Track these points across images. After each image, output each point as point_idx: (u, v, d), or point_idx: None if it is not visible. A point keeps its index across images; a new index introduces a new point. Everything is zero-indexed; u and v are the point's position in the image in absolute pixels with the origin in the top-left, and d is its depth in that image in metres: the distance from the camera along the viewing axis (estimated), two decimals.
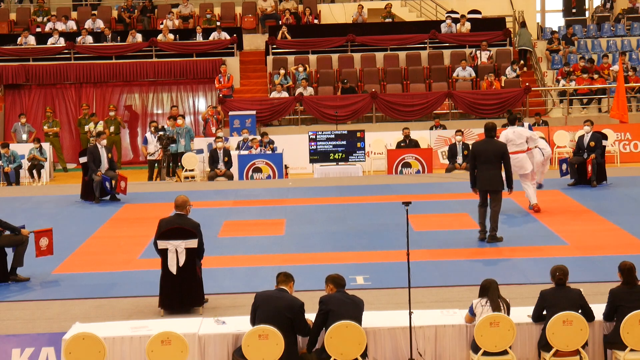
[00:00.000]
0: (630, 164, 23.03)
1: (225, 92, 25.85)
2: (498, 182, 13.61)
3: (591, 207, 16.44)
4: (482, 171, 13.60)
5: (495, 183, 13.60)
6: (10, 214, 15.51)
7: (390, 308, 10.04)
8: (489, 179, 13.58)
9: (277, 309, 8.75)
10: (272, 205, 17.64)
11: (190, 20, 29.09)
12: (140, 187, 20.03)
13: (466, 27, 28.00)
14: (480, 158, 13.60)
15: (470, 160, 13.93)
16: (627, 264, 9.08)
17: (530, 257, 12.96)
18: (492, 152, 13.57)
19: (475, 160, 13.65)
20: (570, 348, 8.76)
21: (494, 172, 13.57)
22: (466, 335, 9.11)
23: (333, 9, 30.02)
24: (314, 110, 25.03)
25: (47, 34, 28.04)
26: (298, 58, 27.15)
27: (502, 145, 13.87)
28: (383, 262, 12.78)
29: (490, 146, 13.67)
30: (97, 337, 8.55)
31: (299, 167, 23.16)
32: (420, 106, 24.99)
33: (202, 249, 10.61)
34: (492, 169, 13.56)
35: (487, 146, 13.67)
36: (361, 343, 8.66)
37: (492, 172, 13.56)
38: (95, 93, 27.27)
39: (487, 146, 13.68)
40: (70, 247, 14.26)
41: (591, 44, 28.97)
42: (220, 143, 21.44)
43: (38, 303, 11.34)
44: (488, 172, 13.56)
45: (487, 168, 13.56)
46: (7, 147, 22.35)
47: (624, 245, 13.46)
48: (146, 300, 11.12)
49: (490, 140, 13.78)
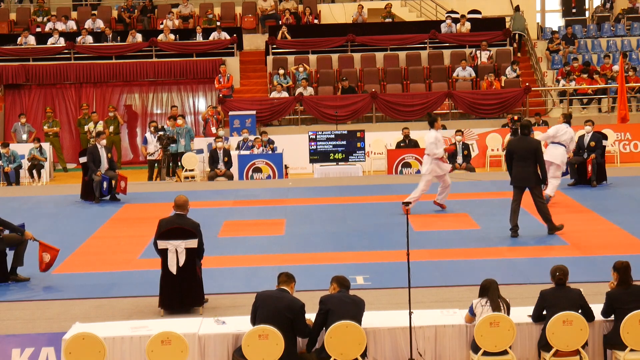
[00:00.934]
0: (630, 164, 23.03)
1: (225, 92, 25.85)
2: (534, 178, 13.93)
3: (591, 207, 16.44)
4: (517, 168, 13.94)
5: (531, 179, 13.93)
6: (10, 214, 15.50)
7: (390, 308, 10.04)
8: (524, 176, 13.91)
9: (277, 309, 8.75)
10: (272, 205, 17.64)
11: (190, 20, 29.10)
12: (140, 187, 20.03)
13: (466, 27, 28.00)
14: (515, 155, 13.95)
15: (507, 158, 14.27)
16: (622, 263, 9.08)
17: (530, 257, 12.96)
18: (526, 149, 13.91)
19: (512, 158, 14.01)
20: (570, 348, 8.76)
21: (529, 169, 13.91)
22: (466, 335, 9.11)
23: (333, 9, 30.02)
24: (314, 110, 25.03)
25: (47, 34, 28.03)
26: (298, 58, 27.15)
27: (536, 142, 14.18)
28: (383, 262, 12.78)
29: (524, 143, 14.00)
30: (97, 337, 8.55)
31: (299, 167, 23.16)
32: (420, 106, 24.98)
33: (202, 249, 10.61)
34: (527, 165, 13.90)
35: (522, 143, 14.02)
36: (361, 343, 8.66)
37: (527, 168, 13.90)
38: (95, 93, 27.27)
39: (521, 143, 14.02)
40: (70, 247, 14.26)
41: (591, 44, 28.97)
42: (220, 143, 21.44)
43: (38, 303, 11.34)
44: (523, 168, 13.89)
45: (523, 165, 13.90)
46: (7, 146, 22.36)
47: (624, 245, 13.46)
48: (146, 300, 11.12)
49: (525, 137, 14.12)
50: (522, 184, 13.98)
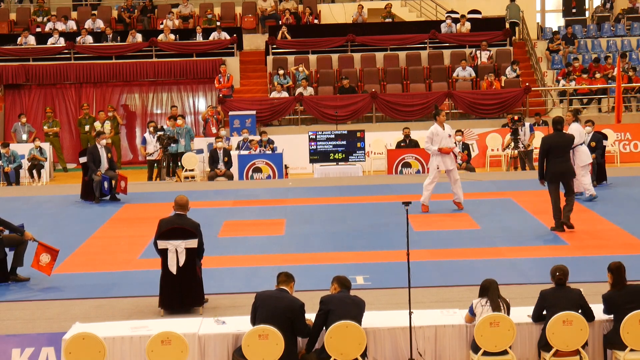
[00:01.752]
0: (630, 164, 23.03)
1: (225, 92, 25.85)
2: (571, 172, 14.41)
3: (591, 207, 16.43)
4: (556, 164, 14.18)
5: (570, 173, 14.36)
6: (10, 214, 15.51)
7: (390, 308, 10.04)
8: (564, 170, 14.23)
9: (277, 309, 8.74)
10: (272, 205, 17.64)
11: (190, 20, 29.10)
12: (140, 187, 20.03)
13: (466, 27, 28.00)
14: (553, 151, 14.20)
15: (542, 153, 14.43)
16: (616, 264, 9.09)
17: (530, 257, 12.96)
18: (563, 144, 14.32)
19: (548, 153, 14.22)
20: (570, 348, 8.76)
21: (567, 164, 14.37)
22: (466, 335, 9.11)
23: (333, 9, 30.02)
24: (314, 110, 25.03)
25: (47, 34, 28.03)
26: (298, 58, 27.15)
27: (571, 136, 14.77)
28: (383, 262, 12.78)
29: (561, 139, 14.37)
30: (97, 337, 8.55)
31: (299, 167, 23.16)
32: (420, 106, 24.98)
33: (202, 248, 10.61)
34: (565, 160, 14.32)
35: (558, 139, 14.35)
36: (361, 343, 8.66)
37: (566, 163, 14.33)
38: (95, 93, 27.26)
39: (558, 139, 14.35)
40: (70, 247, 14.26)
41: (591, 44, 28.98)
42: (220, 143, 21.44)
43: (38, 303, 11.33)
44: (562, 164, 14.21)
45: (561, 160, 14.21)
46: (7, 146, 22.36)
47: (624, 245, 13.47)
48: (146, 300, 11.12)
49: (560, 133, 14.45)
50: (561, 179, 14.26)
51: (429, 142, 16.16)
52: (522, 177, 20.46)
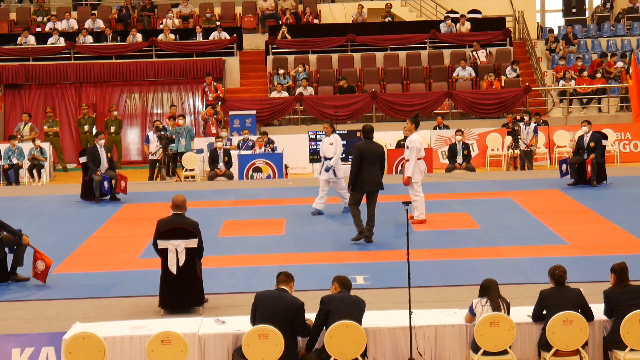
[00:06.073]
0: (630, 164, 23.02)
1: (210, 102, 25.37)
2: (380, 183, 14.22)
3: (591, 207, 16.43)
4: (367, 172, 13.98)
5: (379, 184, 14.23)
6: (10, 214, 15.53)
7: (390, 308, 10.03)
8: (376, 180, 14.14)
9: (277, 309, 8.74)
10: (272, 205, 17.64)
11: (190, 20, 29.09)
12: (140, 187, 20.02)
13: (466, 27, 28.00)
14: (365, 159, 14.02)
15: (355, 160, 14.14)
16: (619, 265, 9.08)
17: (530, 257, 12.95)
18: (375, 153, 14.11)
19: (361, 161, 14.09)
20: (570, 348, 8.76)
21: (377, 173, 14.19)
22: (466, 335, 9.11)
23: (333, 8, 30.02)
24: (314, 110, 25.03)
25: (47, 33, 28.04)
26: (298, 58, 27.15)
27: (381, 148, 14.55)
28: (383, 262, 12.78)
29: (373, 147, 14.17)
30: (97, 337, 8.55)
31: (299, 167, 23.14)
32: (420, 106, 24.97)
33: (201, 248, 10.61)
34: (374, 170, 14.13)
35: (371, 147, 14.12)
36: (361, 343, 8.67)
37: (375, 172, 14.11)
38: (95, 93, 27.26)
39: (370, 147, 14.12)
40: (70, 247, 14.27)
41: (591, 43, 28.98)
42: (220, 143, 21.44)
43: (38, 303, 11.34)
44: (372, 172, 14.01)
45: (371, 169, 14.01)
46: (14, 138, 22.48)
47: (624, 245, 13.46)
48: (146, 300, 11.12)
49: (371, 141, 14.26)
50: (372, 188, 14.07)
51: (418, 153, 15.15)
52: (522, 177, 20.47)
